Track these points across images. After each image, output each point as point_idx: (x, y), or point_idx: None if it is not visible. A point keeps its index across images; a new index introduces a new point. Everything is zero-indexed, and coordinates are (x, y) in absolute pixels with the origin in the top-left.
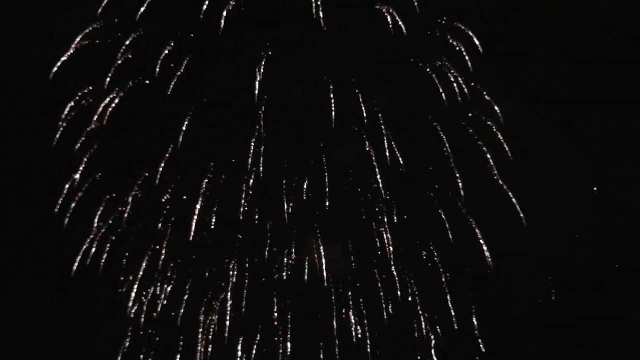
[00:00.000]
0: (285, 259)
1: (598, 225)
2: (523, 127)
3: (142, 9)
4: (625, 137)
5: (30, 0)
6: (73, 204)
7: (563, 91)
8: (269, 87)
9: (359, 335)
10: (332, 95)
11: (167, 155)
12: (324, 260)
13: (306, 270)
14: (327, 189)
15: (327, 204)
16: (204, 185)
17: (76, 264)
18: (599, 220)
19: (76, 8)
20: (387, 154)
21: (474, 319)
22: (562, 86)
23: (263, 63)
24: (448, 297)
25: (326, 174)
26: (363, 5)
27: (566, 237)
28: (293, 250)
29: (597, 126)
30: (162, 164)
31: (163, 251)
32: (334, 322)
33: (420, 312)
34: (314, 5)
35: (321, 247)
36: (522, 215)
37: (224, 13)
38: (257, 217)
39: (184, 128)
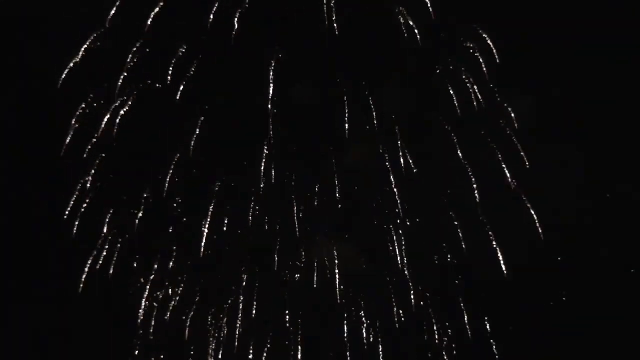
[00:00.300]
0: (298, 262)
1: (603, 226)
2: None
3: (153, 12)
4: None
5: (33, 2)
6: (85, 206)
7: (570, 91)
8: (281, 91)
9: (371, 339)
10: (345, 98)
11: (177, 158)
12: (335, 262)
13: (315, 274)
14: (337, 192)
15: (340, 206)
16: (216, 189)
17: (87, 269)
18: (605, 221)
19: (82, 9)
20: (400, 154)
21: (487, 324)
22: (570, 86)
23: (273, 67)
24: (461, 301)
25: (336, 176)
26: (376, 7)
27: (571, 238)
28: (303, 253)
29: (601, 127)
30: (172, 169)
31: (173, 254)
32: (345, 327)
33: (432, 316)
34: (325, 7)
35: (334, 252)
36: (540, 228)
37: (237, 16)
38: (267, 219)
39: (197, 131)
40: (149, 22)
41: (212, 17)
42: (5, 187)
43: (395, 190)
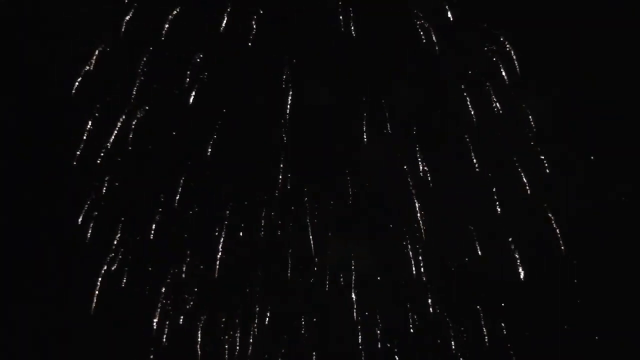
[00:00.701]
0: (311, 266)
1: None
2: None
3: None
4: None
5: (33, 2)
6: (96, 213)
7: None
8: (296, 94)
9: (387, 345)
10: (364, 99)
11: (191, 163)
12: (352, 267)
13: (327, 278)
14: (350, 195)
15: (354, 210)
16: (230, 194)
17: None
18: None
19: (82, 8)
20: (418, 157)
21: (503, 329)
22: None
23: (288, 70)
24: (476, 305)
25: (348, 178)
26: (392, 8)
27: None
28: (316, 259)
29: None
30: (186, 174)
31: (186, 260)
32: (359, 334)
33: (448, 321)
34: (340, 9)
35: (348, 255)
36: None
37: (254, 20)
38: (280, 223)
39: (214, 136)
40: (166, 26)
41: (226, 17)
42: (5, 187)
43: (413, 191)
